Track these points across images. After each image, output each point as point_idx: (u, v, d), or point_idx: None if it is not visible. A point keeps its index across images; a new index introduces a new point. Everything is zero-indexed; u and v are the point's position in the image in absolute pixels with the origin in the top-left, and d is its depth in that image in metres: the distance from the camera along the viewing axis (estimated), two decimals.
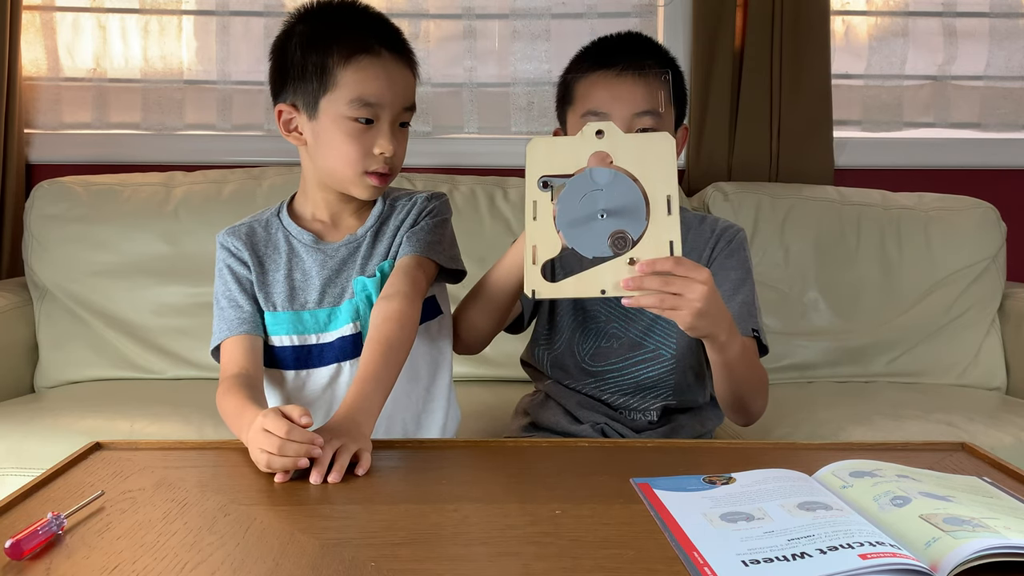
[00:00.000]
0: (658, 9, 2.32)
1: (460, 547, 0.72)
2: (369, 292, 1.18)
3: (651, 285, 0.92)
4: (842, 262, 2.05)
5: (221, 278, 1.20)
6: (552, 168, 0.93)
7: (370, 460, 0.91)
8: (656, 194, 0.92)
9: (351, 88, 1.11)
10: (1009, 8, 2.33)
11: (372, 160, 1.13)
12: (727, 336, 1.04)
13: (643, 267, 0.91)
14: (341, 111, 1.11)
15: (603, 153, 0.93)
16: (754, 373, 1.16)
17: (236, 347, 1.15)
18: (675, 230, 0.92)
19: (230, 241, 1.21)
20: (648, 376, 1.27)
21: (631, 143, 0.94)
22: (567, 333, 1.31)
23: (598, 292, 0.92)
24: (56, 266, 1.98)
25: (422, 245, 1.19)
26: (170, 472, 0.89)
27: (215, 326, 1.19)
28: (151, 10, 2.27)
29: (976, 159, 2.35)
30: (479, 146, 2.33)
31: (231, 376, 1.11)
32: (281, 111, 1.16)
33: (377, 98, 1.12)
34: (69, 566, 0.67)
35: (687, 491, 0.82)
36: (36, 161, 2.26)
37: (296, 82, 1.13)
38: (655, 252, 0.92)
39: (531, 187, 0.94)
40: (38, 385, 1.98)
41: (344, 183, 1.16)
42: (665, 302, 0.93)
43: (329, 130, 1.13)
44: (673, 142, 0.94)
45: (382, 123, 1.13)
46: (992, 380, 2.03)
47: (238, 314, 1.17)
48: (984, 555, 0.64)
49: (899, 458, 0.90)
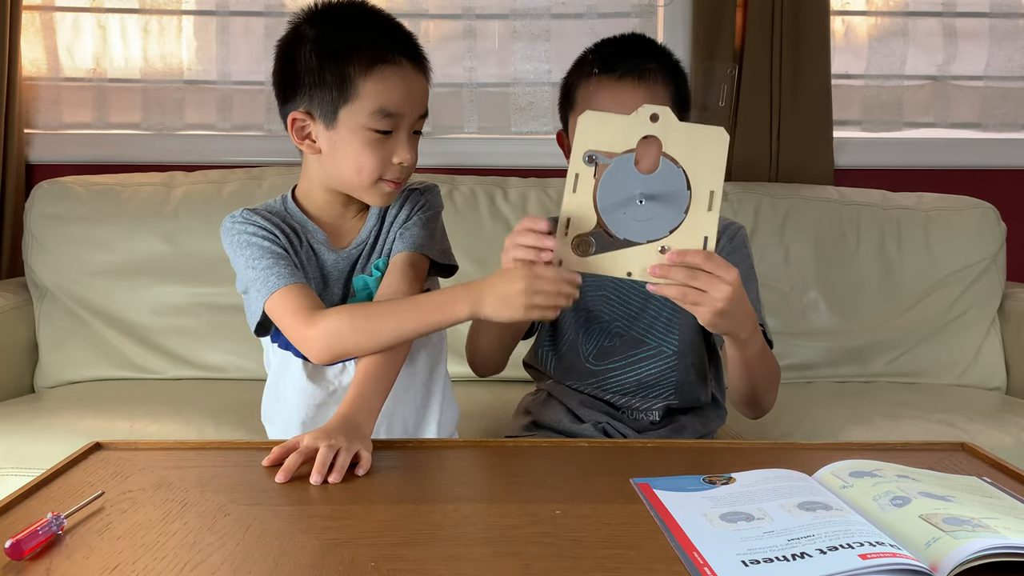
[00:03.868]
0: (658, 9, 2.32)
1: (460, 547, 0.72)
2: (370, 290, 1.18)
3: (677, 276, 0.92)
4: (842, 262, 2.05)
5: (253, 246, 1.12)
6: (600, 144, 0.93)
7: (370, 460, 0.91)
8: (700, 187, 0.92)
9: (373, 99, 1.09)
10: (1009, 8, 2.32)
11: (389, 169, 1.12)
12: (748, 335, 1.04)
13: (673, 256, 0.92)
14: (362, 121, 1.09)
15: (655, 140, 0.93)
16: (770, 369, 1.16)
17: (305, 291, 1.09)
18: (712, 227, 0.92)
19: (253, 219, 1.15)
20: (650, 373, 1.27)
21: (684, 132, 0.93)
22: (571, 334, 1.31)
23: (624, 273, 0.93)
24: (56, 266, 1.98)
25: (416, 241, 1.19)
26: (170, 472, 0.89)
27: (264, 282, 1.09)
28: (151, 10, 2.27)
29: (976, 159, 2.35)
30: (479, 146, 2.32)
31: (323, 308, 1.08)
32: (295, 119, 1.13)
33: (398, 108, 1.10)
34: (69, 566, 0.67)
35: (687, 491, 0.82)
36: (36, 161, 2.26)
37: (312, 90, 1.10)
38: (688, 245, 0.92)
39: (576, 160, 0.93)
40: (38, 385, 1.98)
41: (358, 190, 1.14)
42: (688, 296, 0.93)
43: (348, 140, 1.10)
44: (727, 138, 0.93)
45: (400, 132, 1.11)
46: (992, 380, 2.03)
47: (290, 267, 1.11)
48: (984, 555, 0.64)
49: (899, 458, 0.90)
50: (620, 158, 0.93)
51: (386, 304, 1.09)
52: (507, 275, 0.98)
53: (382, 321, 1.06)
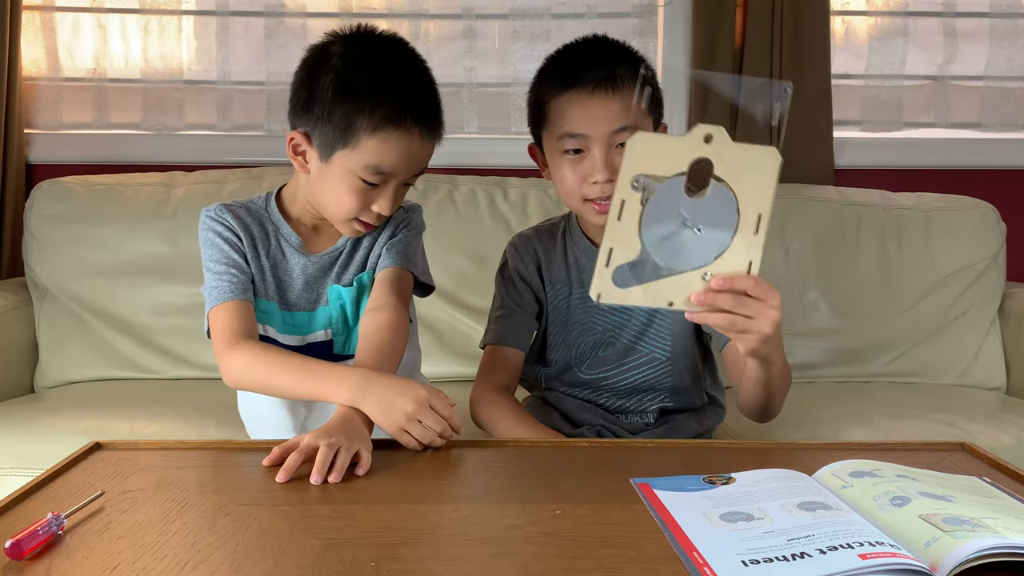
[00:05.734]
0: (658, 9, 2.31)
1: (460, 547, 0.72)
2: (344, 301, 1.20)
3: (724, 304, 0.88)
4: (842, 262, 2.05)
5: (215, 247, 1.16)
6: (649, 167, 0.87)
7: (370, 460, 0.91)
8: (748, 210, 0.87)
9: (370, 155, 1.09)
10: (1009, 8, 2.32)
11: (367, 214, 1.14)
12: (777, 355, 1.02)
13: (720, 283, 0.87)
14: (353, 168, 1.10)
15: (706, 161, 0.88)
16: (787, 381, 1.13)
17: (243, 311, 1.12)
18: (757, 251, 0.88)
19: (224, 217, 1.18)
20: (643, 379, 1.27)
21: (736, 153, 0.88)
22: (562, 348, 1.31)
23: (666, 304, 0.88)
24: (56, 266, 1.98)
25: (402, 257, 1.21)
26: (170, 472, 0.89)
27: (213, 289, 1.14)
28: (151, 10, 2.27)
29: (976, 159, 2.35)
30: (479, 146, 2.32)
31: (252, 337, 1.10)
32: (293, 138, 1.14)
33: (392, 169, 1.11)
34: (69, 566, 0.67)
35: (687, 491, 0.82)
36: (36, 161, 2.26)
37: (319, 120, 1.10)
38: (732, 270, 0.88)
39: (623, 185, 0.87)
40: (38, 385, 1.98)
41: (332, 219, 1.17)
42: (736, 324, 0.89)
43: (336, 178, 1.11)
44: (779, 159, 0.88)
45: (387, 187, 1.12)
46: (992, 380, 2.03)
47: (242, 280, 1.15)
48: (984, 555, 0.64)
49: (899, 458, 0.90)
50: (669, 182, 0.87)
51: (289, 360, 1.07)
52: (406, 389, 0.97)
53: (277, 376, 1.06)
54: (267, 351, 1.08)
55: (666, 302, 0.88)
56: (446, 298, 1.99)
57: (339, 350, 1.21)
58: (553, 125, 1.20)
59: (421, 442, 0.96)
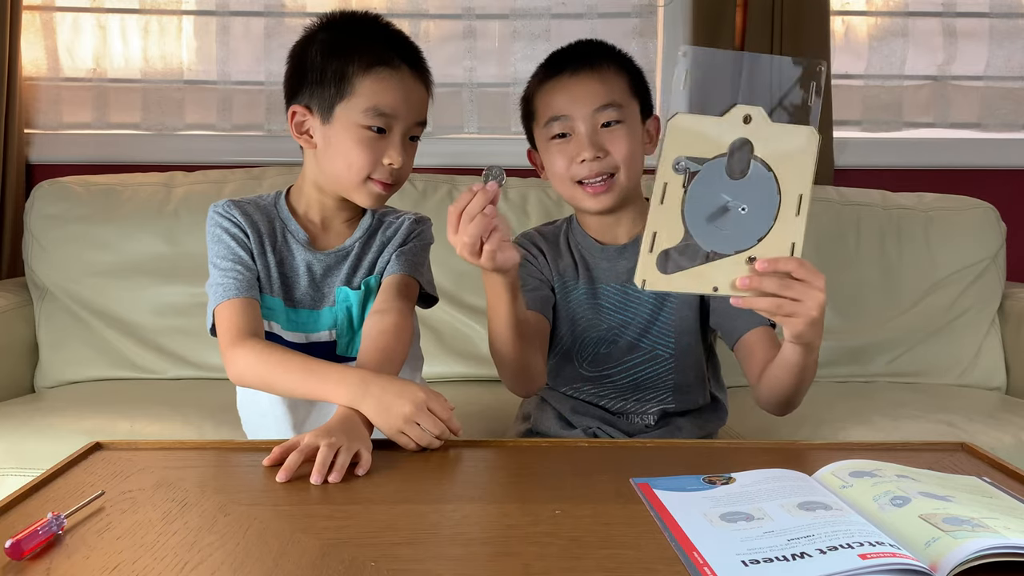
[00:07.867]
0: (658, 9, 2.31)
1: (460, 547, 0.72)
2: (350, 304, 1.20)
3: (769, 287, 0.87)
4: (842, 262, 2.05)
5: (222, 243, 1.17)
6: (691, 149, 0.86)
7: (370, 460, 0.91)
8: (789, 191, 0.87)
9: (368, 97, 1.12)
10: (1009, 8, 2.32)
11: (379, 169, 1.14)
12: (819, 340, 1.00)
13: (764, 265, 0.86)
14: (355, 118, 1.12)
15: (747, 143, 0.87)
16: (816, 369, 1.11)
17: (249, 308, 1.13)
18: (800, 232, 0.87)
19: (232, 213, 1.19)
20: (646, 376, 1.27)
21: (775, 133, 0.87)
22: (566, 342, 1.31)
23: (710, 289, 0.87)
24: (56, 266, 1.98)
25: (411, 265, 1.22)
26: (170, 472, 0.89)
27: (219, 286, 1.14)
28: (151, 10, 2.27)
29: (976, 159, 2.35)
30: (479, 146, 2.32)
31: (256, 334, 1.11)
32: (295, 112, 1.16)
33: (392, 109, 1.13)
34: (69, 566, 0.67)
35: (687, 491, 0.82)
36: (36, 161, 2.26)
37: (313, 86, 1.14)
38: (776, 253, 0.87)
39: (665, 168, 0.86)
40: (38, 385, 1.98)
41: (348, 189, 1.17)
42: (783, 308, 0.88)
43: (341, 136, 1.13)
44: (818, 138, 0.87)
45: (393, 135, 1.14)
46: (992, 380, 2.03)
47: (248, 277, 1.15)
48: (984, 555, 0.64)
49: (899, 458, 0.90)
50: (710, 163, 0.86)
51: (291, 359, 1.08)
52: (404, 391, 0.98)
53: (278, 374, 1.07)
54: (270, 349, 1.09)
55: (711, 287, 0.87)
56: (446, 298, 1.99)
57: (342, 352, 1.21)
58: (540, 115, 1.24)
59: (418, 444, 0.96)
